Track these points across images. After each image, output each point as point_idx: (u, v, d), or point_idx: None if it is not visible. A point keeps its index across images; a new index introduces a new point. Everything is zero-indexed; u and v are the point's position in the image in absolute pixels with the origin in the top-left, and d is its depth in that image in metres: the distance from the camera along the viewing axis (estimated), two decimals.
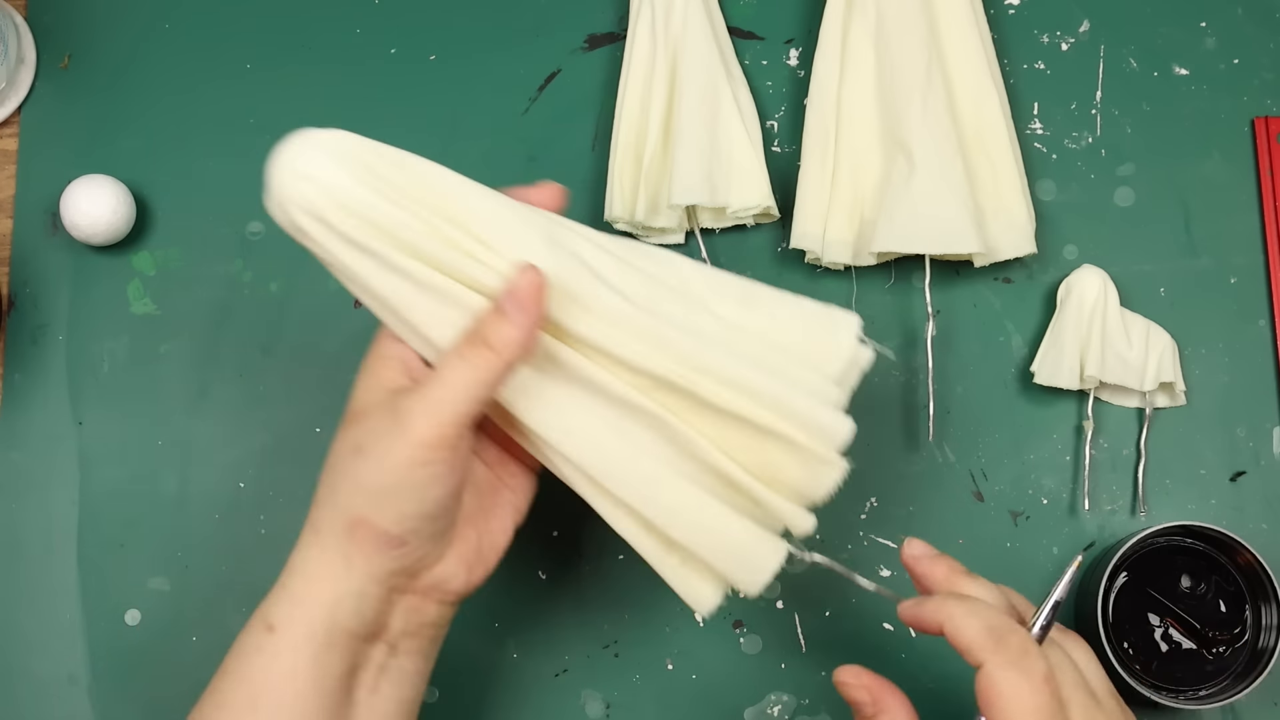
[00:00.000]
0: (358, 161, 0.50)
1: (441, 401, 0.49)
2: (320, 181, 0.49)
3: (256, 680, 0.52)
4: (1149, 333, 0.67)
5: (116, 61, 0.74)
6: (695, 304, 0.53)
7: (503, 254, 0.50)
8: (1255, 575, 0.62)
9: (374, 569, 0.51)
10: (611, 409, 0.52)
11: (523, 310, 0.49)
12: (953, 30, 0.69)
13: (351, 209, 0.50)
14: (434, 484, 0.50)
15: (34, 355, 0.71)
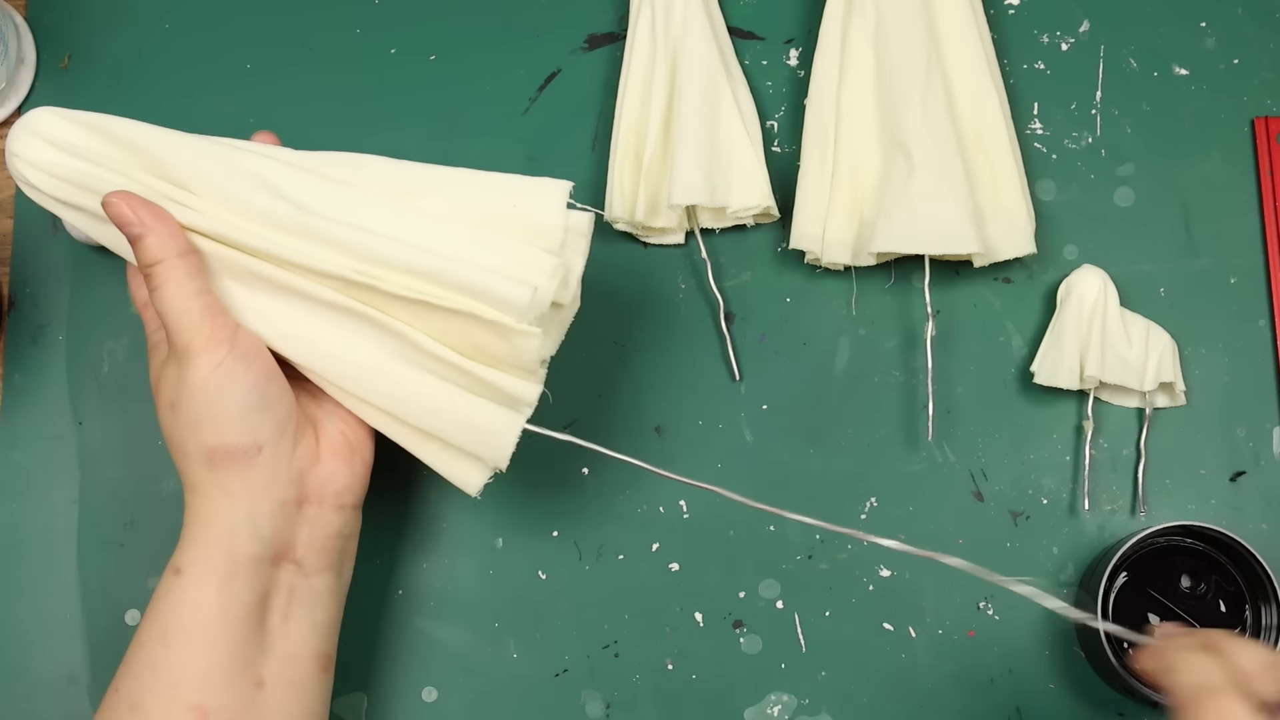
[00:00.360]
0: (78, 126, 0.56)
1: (180, 315, 0.54)
2: (43, 139, 0.56)
3: (166, 617, 0.54)
4: (1149, 333, 0.67)
5: (116, 61, 0.74)
6: (396, 202, 0.57)
7: (193, 189, 0.56)
8: (1255, 575, 0.62)
9: (251, 487, 0.54)
10: (322, 312, 0.56)
11: (140, 223, 0.54)
12: (952, 30, 0.69)
13: (62, 169, 0.56)
14: (235, 380, 0.54)
15: (34, 355, 0.71)
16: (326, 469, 0.56)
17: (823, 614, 0.67)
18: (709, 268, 0.70)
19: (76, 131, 0.56)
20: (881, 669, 0.66)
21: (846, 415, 0.69)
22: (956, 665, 0.66)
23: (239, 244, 0.55)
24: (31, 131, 0.56)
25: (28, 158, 0.56)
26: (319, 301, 0.55)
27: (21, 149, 0.56)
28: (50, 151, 0.56)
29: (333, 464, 0.57)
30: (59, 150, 0.56)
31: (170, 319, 0.54)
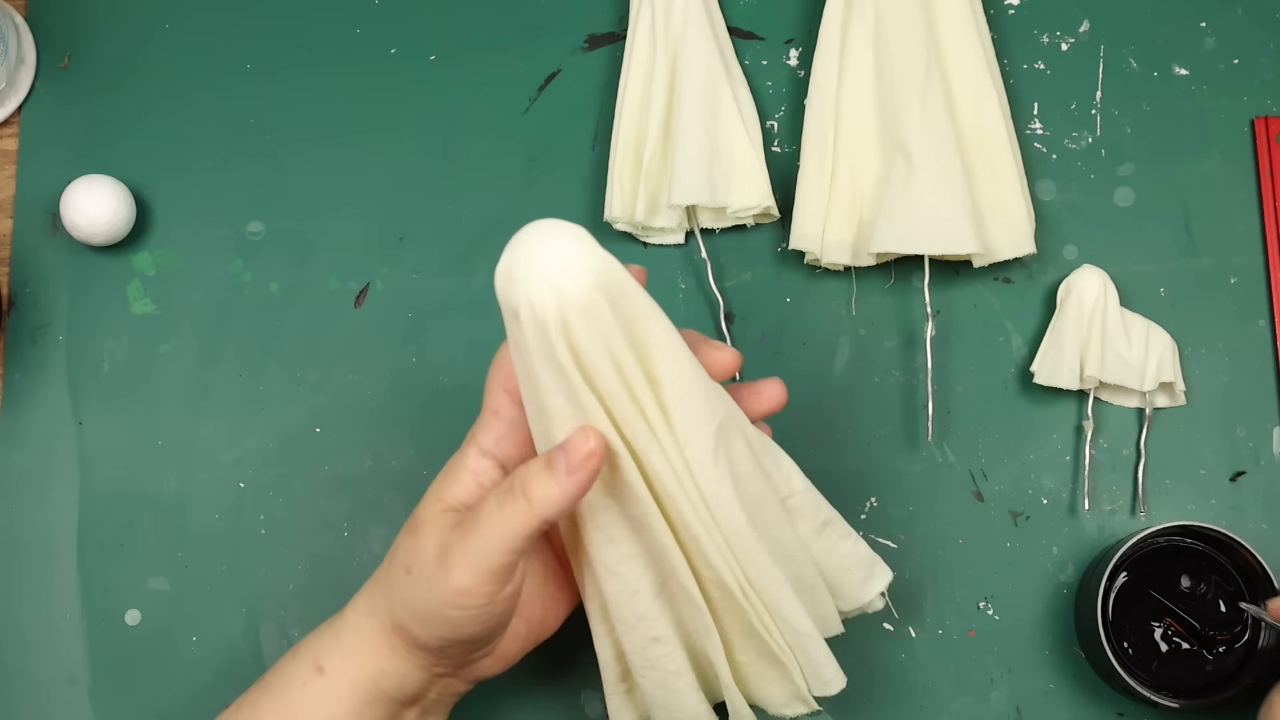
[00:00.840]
0: (599, 285, 0.47)
1: (477, 552, 0.49)
2: (562, 299, 0.47)
3: (298, 712, 0.54)
4: (1149, 333, 0.67)
5: (116, 61, 0.74)
6: (785, 514, 0.55)
7: (676, 432, 0.50)
8: (1255, 575, 0.62)
9: (416, 659, 0.54)
10: (660, 580, 0.54)
11: (570, 473, 0.48)
12: (951, 31, 0.69)
13: (572, 337, 0.47)
14: (469, 624, 0.51)
15: (34, 355, 0.71)
16: (485, 664, 0.56)
17: None
18: (709, 268, 0.70)
19: (607, 281, 0.48)
20: (881, 669, 0.66)
21: (846, 415, 0.69)
22: (956, 665, 0.66)
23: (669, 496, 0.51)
24: (586, 268, 0.47)
25: (562, 296, 0.47)
26: (672, 574, 0.53)
27: (563, 281, 0.47)
28: (579, 300, 0.47)
29: (496, 664, 0.57)
30: (585, 317, 0.47)
31: (474, 540, 0.50)
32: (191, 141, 0.73)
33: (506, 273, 0.47)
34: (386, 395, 0.70)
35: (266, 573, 0.68)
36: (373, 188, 0.73)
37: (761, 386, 0.55)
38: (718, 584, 0.53)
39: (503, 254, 0.47)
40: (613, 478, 0.50)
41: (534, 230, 0.47)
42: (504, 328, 0.49)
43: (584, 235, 0.47)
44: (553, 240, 0.47)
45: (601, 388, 0.48)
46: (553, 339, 0.47)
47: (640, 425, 0.49)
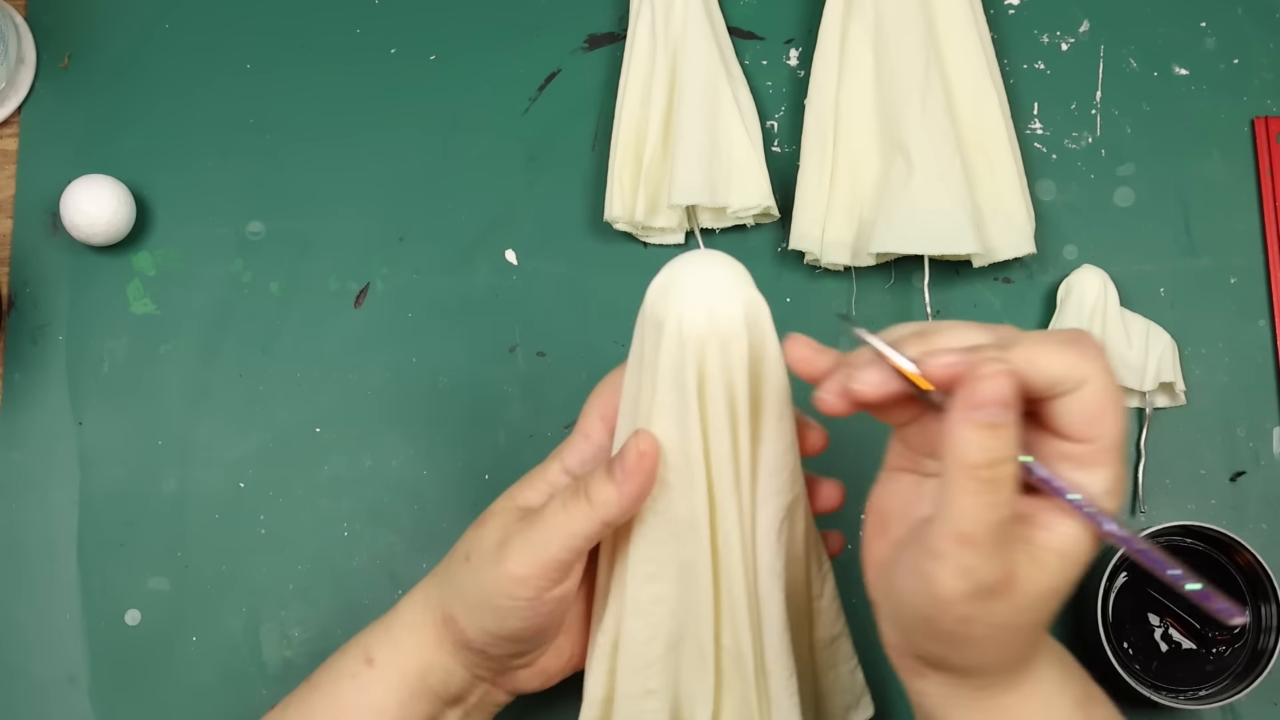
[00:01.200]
0: (748, 324, 0.49)
1: (535, 544, 0.51)
2: (713, 324, 0.48)
3: (346, 704, 0.55)
4: (1149, 333, 0.67)
5: (116, 61, 0.74)
6: (809, 614, 0.56)
7: (756, 491, 0.51)
8: (1255, 575, 0.62)
9: (464, 661, 0.55)
10: (678, 636, 0.54)
11: (627, 476, 0.49)
12: (951, 31, 0.69)
13: (705, 363, 0.49)
14: (513, 616, 0.52)
15: (34, 355, 0.71)
16: (526, 675, 0.57)
17: None
18: None
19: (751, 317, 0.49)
20: (882, 669, 0.66)
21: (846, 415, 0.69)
22: None
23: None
24: (740, 302, 0.49)
25: (713, 326, 0.48)
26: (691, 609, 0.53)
27: (721, 317, 0.48)
28: (721, 336, 0.48)
29: (536, 677, 0.57)
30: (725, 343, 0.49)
31: (535, 532, 0.51)
32: (191, 141, 0.73)
33: (664, 286, 0.49)
34: (386, 395, 0.70)
35: (266, 573, 0.68)
36: (373, 188, 0.73)
37: (821, 485, 0.55)
38: (734, 655, 0.53)
39: (664, 269, 0.49)
40: (680, 514, 0.51)
41: (702, 255, 0.49)
42: (630, 345, 0.50)
43: (746, 275, 0.49)
44: (718, 268, 0.49)
45: (710, 421, 0.49)
46: (688, 359, 0.48)
47: (729, 470, 0.50)
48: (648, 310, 0.49)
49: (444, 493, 0.69)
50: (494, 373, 0.70)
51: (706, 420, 0.49)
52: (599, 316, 0.70)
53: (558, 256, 0.71)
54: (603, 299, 0.71)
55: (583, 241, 0.71)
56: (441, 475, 0.69)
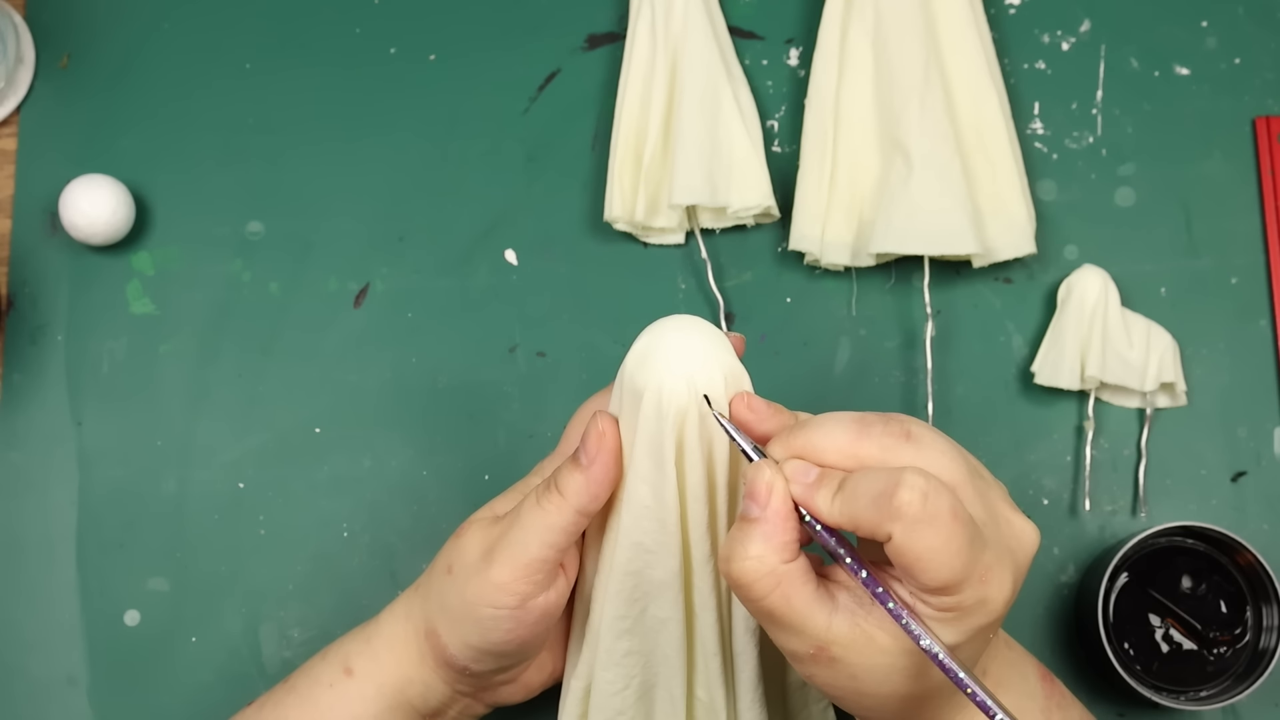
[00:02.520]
0: (727, 393, 0.48)
1: (514, 545, 0.50)
2: (693, 396, 0.48)
3: (323, 711, 0.55)
4: (1150, 333, 0.67)
5: (116, 61, 0.74)
6: (782, 662, 0.55)
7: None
8: (1256, 575, 0.62)
9: (445, 677, 0.55)
10: (650, 685, 0.54)
11: (591, 459, 0.49)
12: (951, 30, 0.69)
13: (684, 433, 0.48)
14: (497, 627, 0.51)
15: (33, 355, 0.71)
16: (508, 690, 0.57)
17: None
18: (709, 268, 0.70)
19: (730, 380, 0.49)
20: None
21: None
22: None
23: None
24: (722, 376, 0.48)
25: (690, 395, 0.48)
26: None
27: (698, 384, 0.48)
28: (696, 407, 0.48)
29: (518, 691, 0.57)
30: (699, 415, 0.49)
31: (514, 534, 0.51)
32: (191, 141, 0.73)
33: (644, 354, 0.48)
34: (386, 395, 0.70)
35: (266, 573, 0.68)
36: (372, 188, 0.72)
37: None
38: (707, 707, 0.53)
39: (642, 335, 0.49)
40: (656, 577, 0.51)
41: (681, 322, 0.49)
42: (620, 396, 0.50)
43: (725, 341, 0.49)
44: (698, 338, 0.48)
45: (687, 488, 0.49)
46: (666, 429, 0.48)
47: (704, 536, 0.50)
48: (626, 377, 0.49)
49: (444, 493, 0.69)
50: (494, 373, 0.70)
51: (684, 488, 0.49)
52: (599, 316, 0.70)
53: (558, 256, 0.71)
54: (603, 299, 0.71)
55: (583, 241, 0.71)
56: (441, 475, 0.69)
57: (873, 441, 0.45)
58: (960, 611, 0.43)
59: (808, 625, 0.45)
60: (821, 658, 0.45)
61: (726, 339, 0.50)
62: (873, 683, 0.45)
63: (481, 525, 0.53)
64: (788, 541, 0.45)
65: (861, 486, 0.44)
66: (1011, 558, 0.45)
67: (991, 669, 0.50)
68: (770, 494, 0.45)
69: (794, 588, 0.45)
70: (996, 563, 0.44)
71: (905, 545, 0.42)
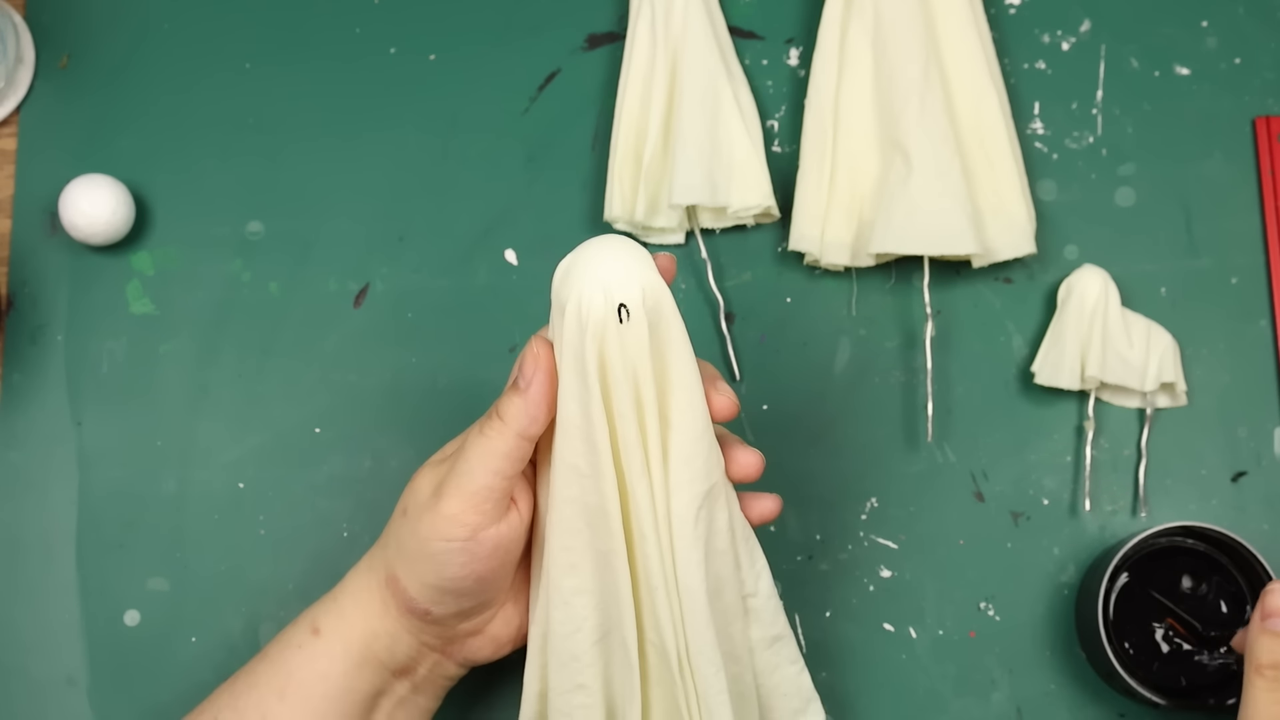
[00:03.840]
0: (647, 307, 0.49)
1: (461, 474, 0.51)
2: (609, 306, 0.48)
3: (291, 672, 0.55)
4: (1150, 333, 0.67)
5: (115, 61, 0.74)
6: (743, 612, 0.55)
7: (669, 478, 0.50)
8: (1256, 576, 0.62)
9: (409, 626, 0.55)
10: (605, 629, 0.53)
11: (528, 381, 0.50)
12: (951, 30, 0.69)
13: (605, 348, 0.48)
14: (450, 561, 0.51)
15: (33, 355, 0.71)
16: (476, 644, 0.57)
17: (823, 614, 0.67)
18: (709, 268, 0.70)
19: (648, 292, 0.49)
20: (882, 670, 0.66)
21: (846, 415, 0.69)
22: (957, 666, 0.66)
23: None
24: (636, 282, 0.49)
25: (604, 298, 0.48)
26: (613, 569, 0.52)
27: (617, 285, 0.48)
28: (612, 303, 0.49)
29: (486, 645, 0.57)
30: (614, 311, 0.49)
31: (460, 465, 0.51)
32: (191, 141, 0.73)
33: (567, 269, 0.49)
34: (386, 395, 0.70)
35: (266, 573, 0.68)
36: (372, 187, 0.72)
37: (738, 451, 0.54)
38: (659, 649, 0.53)
39: (570, 253, 0.50)
40: (592, 503, 0.51)
41: (604, 240, 0.50)
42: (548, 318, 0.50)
43: (647, 257, 0.49)
44: (618, 252, 0.49)
45: (614, 407, 0.49)
46: (587, 343, 0.48)
47: (638, 456, 0.50)
48: (553, 294, 0.50)
49: None
50: (494, 373, 0.70)
51: (610, 406, 0.49)
52: None
53: (558, 256, 0.71)
54: None
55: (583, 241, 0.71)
56: None
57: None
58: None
59: None
60: None
61: (650, 257, 0.50)
62: None
63: (431, 466, 0.54)
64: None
65: None
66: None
67: None
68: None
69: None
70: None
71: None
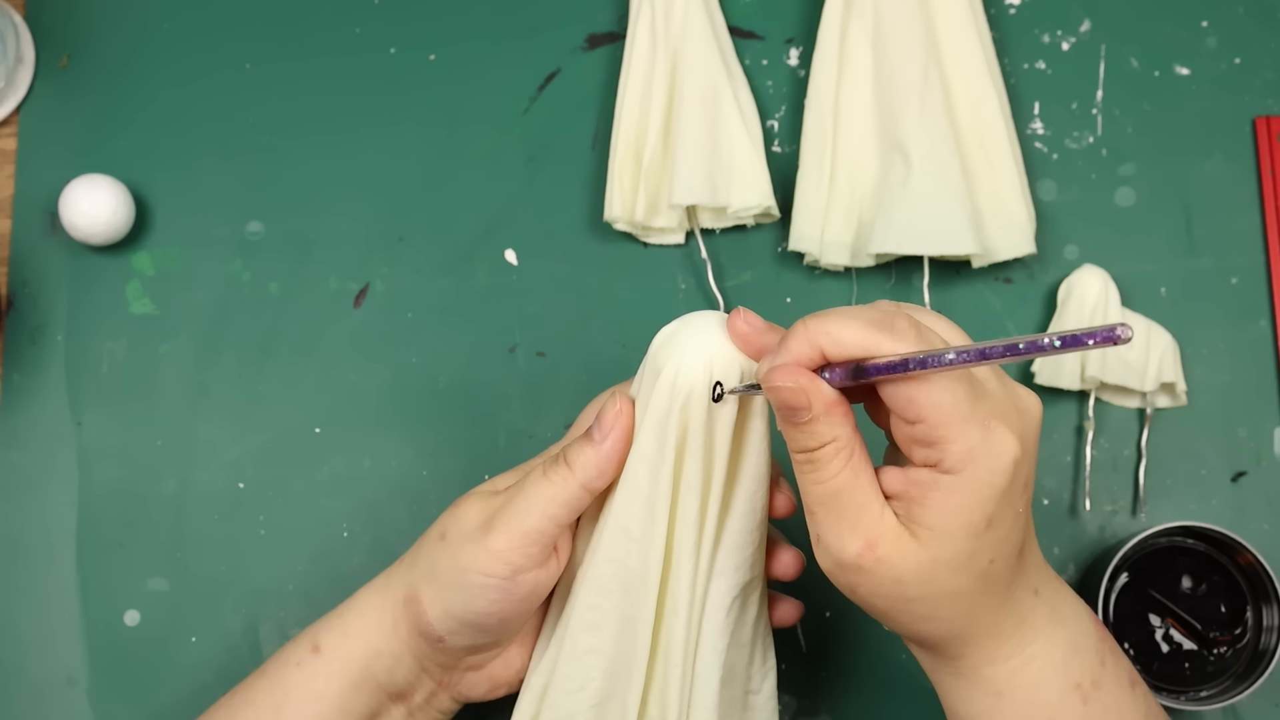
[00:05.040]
0: (738, 377, 0.49)
1: (515, 513, 0.51)
2: (708, 380, 0.48)
3: (289, 690, 0.55)
4: (1150, 333, 0.67)
5: (115, 61, 0.74)
6: (743, 707, 0.55)
7: (715, 562, 0.51)
8: (1256, 576, 0.62)
9: (414, 650, 0.54)
10: (607, 695, 0.53)
11: (604, 434, 0.50)
12: (951, 31, 0.69)
13: (689, 419, 0.49)
14: (483, 596, 0.51)
15: (33, 355, 0.71)
16: (473, 679, 0.57)
17: (823, 614, 0.67)
18: (709, 268, 0.70)
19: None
20: (882, 669, 0.66)
21: None
22: None
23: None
24: (726, 367, 0.49)
25: (700, 382, 0.48)
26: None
27: (710, 368, 0.49)
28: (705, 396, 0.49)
29: (483, 683, 0.57)
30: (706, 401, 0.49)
31: (516, 502, 0.51)
32: (190, 141, 0.73)
33: (671, 335, 0.49)
34: (386, 395, 0.70)
35: (266, 573, 0.68)
36: (372, 187, 0.72)
37: (782, 551, 0.54)
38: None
39: (677, 320, 0.50)
40: (634, 567, 0.51)
41: (713, 315, 0.50)
42: (641, 378, 0.51)
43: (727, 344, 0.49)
44: (724, 332, 0.49)
45: (683, 477, 0.49)
46: (674, 409, 0.48)
47: (692, 533, 0.50)
48: (650, 355, 0.50)
49: (444, 493, 0.69)
50: (494, 373, 0.70)
51: (680, 475, 0.49)
52: (599, 316, 0.70)
53: (558, 256, 0.71)
54: (603, 299, 0.71)
55: (583, 241, 0.71)
56: (441, 476, 0.69)
57: (893, 342, 0.44)
58: (972, 463, 0.43)
59: (866, 510, 0.45)
60: (868, 557, 0.45)
61: None
62: (917, 582, 0.45)
63: (481, 496, 0.53)
64: (842, 412, 0.45)
65: (864, 314, 0.44)
66: (1019, 418, 0.45)
67: (1044, 590, 0.49)
68: (798, 378, 0.44)
69: (862, 462, 0.45)
70: (1001, 415, 0.44)
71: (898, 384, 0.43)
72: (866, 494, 0.45)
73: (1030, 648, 0.48)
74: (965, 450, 0.43)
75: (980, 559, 0.45)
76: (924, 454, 0.44)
